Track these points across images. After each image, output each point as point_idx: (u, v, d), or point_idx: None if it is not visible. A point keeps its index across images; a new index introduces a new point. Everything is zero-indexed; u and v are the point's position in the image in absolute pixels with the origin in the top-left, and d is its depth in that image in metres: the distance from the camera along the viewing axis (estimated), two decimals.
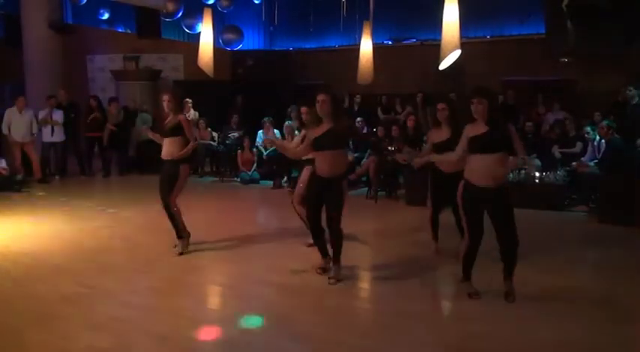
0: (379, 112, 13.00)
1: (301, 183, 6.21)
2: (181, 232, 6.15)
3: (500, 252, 4.66)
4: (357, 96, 13.08)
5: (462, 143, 4.64)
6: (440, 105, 5.73)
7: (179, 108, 6.33)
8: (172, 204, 6.05)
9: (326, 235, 5.34)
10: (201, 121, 11.88)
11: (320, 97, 5.05)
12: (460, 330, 4.18)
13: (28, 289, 5.02)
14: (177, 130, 6.02)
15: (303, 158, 6.26)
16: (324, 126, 5.09)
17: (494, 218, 4.57)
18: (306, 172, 6.15)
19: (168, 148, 6.02)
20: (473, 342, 3.97)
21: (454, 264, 5.73)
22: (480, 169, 4.48)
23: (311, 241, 5.86)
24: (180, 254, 6.05)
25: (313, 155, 5.25)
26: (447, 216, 6.03)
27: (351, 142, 10.88)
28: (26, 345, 3.91)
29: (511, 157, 4.61)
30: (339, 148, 5.10)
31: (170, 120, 6.10)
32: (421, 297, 4.82)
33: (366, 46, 9.79)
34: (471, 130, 4.58)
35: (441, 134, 5.71)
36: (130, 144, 12.34)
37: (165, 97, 6.08)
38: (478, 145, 4.49)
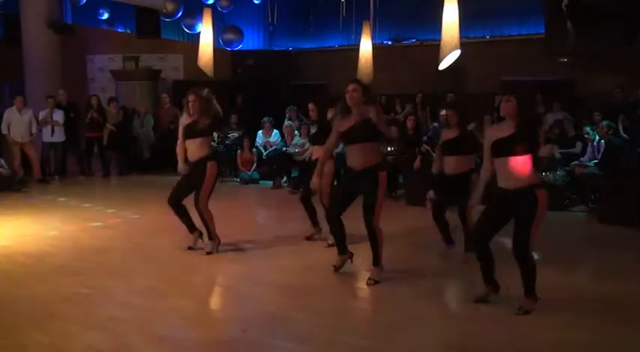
0: None
1: (325, 181, 6.16)
2: (213, 234, 6.09)
3: None
4: None
5: (487, 153, 4.47)
6: (449, 112, 5.89)
7: (209, 109, 5.97)
8: (204, 207, 5.95)
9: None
10: None
11: (351, 87, 4.94)
12: (460, 330, 4.18)
13: (28, 289, 5.01)
14: (208, 132, 5.95)
15: (313, 158, 6.30)
16: (354, 119, 4.97)
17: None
18: (328, 168, 6.13)
19: (197, 149, 5.91)
20: (473, 342, 3.97)
21: (454, 264, 5.75)
22: (507, 172, 4.34)
23: (332, 241, 5.83)
24: (208, 254, 6.02)
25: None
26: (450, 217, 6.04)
27: None
28: (26, 345, 3.91)
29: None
30: (370, 140, 4.94)
31: (199, 121, 5.89)
32: (421, 297, 4.82)
33: (366, 46, 9.80)
34: (495, 133, 4.43)
35: (450, 133, 5.86)
36: (144, 145, 12.29)
37: (191, 98, 5.88)
38: (504, 148, 4.33)
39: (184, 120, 6.03)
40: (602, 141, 8.72)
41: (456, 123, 5.82)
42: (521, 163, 4.28)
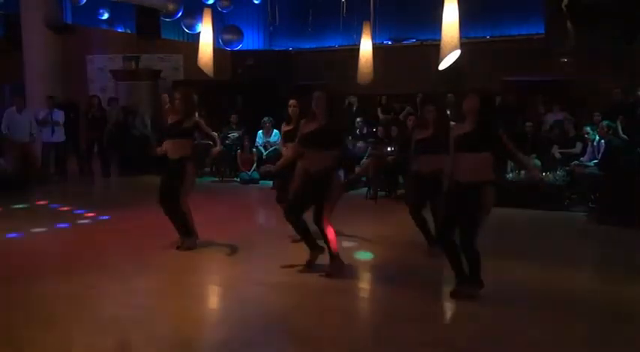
0: (379, 112, 13.02)
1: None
2: (192, 230, 6.17)
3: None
4: (352, 96, 13.09)
5: (452, 148, 4.71)
6: (429, 107, 5.99)
7: (193, 109, 6.18)
8: (184, 204, 6.07)
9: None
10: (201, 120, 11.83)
11: (316, 94, 5.16)
12: (460, 330, 4.19)
13: (28, 289, 5.01)
14: (191, 132, 6.03)
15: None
16: (316, 124, 5.17)
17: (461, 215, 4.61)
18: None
19: (177, 148, 6.00)
20: (473, 342, 3.97)
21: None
22: (461, 167, 4.55)
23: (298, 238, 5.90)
24: (189, 249, 6.09)
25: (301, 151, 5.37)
26: None
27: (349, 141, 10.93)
28: (26, 345, 3.91)
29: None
30: (326, 148, 5.10)
31: (182, 120, 6.00)
32: (421, 297, 4.82)
33: (366, 46, 9.79)
34: (457, 129, 4.69)
35: (424, 132, 5.93)
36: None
37: (178, 96, 6.05)
38: (461, 144, 4.56)
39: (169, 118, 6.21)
40: (602, 141, 8.72)
41: (432, 120, 5.91)
42: (478, 160, 4.47)
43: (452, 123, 5.90)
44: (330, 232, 5.21)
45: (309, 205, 5.27)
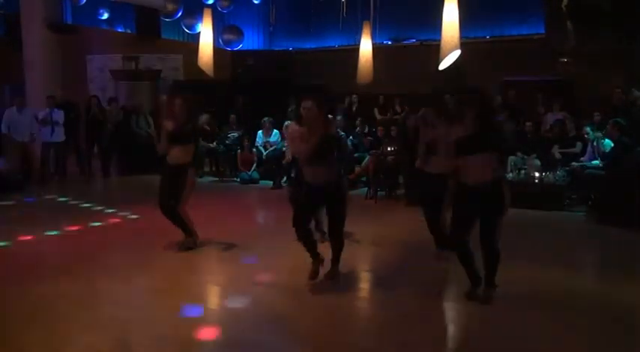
0: (376, 113, 13.02)
1: None
2: (191, 231, 6.21)
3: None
4: (354, 96, 13.09)
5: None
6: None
7: (193, 114, 6.19)
8: (182, 209, 6.09)
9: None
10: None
11: (305, 104, 4.88)
12: (460, 330, 4.19)
13: (28, 289, 5.01)
14: (193, 136, 6.07)
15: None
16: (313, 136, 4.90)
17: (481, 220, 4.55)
18: None
19: (181, 154, 6.01)
20: (472, 342, 3.97)
21: (452, 265, 5.75)
22: (467, 169, 4.49)
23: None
24: (189, 249, 6.12)
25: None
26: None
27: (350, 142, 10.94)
28: (26, 345, 3.91)
29: None
30: (324, 158, 4.92)
31: (183, 126, 5.99)
32: (421, 297, 4.82)
33: (366, 46, 9.79)
34: (458, 131, 4.55)
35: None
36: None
37: (178, 101, 6.01)
38: (464, 147, 4.48)
39: (168, 125, 6.07)
40: (606, 140, 8.69)
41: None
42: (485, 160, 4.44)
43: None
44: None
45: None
